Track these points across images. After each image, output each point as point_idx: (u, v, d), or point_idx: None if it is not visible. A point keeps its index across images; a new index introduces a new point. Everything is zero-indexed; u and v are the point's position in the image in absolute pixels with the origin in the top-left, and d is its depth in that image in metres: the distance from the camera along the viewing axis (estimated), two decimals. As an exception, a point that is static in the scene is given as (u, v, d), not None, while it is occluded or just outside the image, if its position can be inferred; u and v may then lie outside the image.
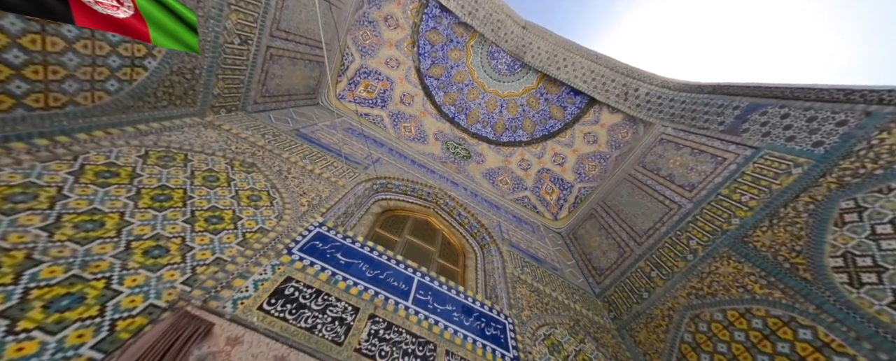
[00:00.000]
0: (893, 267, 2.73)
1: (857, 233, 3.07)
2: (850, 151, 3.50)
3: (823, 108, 3.99)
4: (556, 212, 8.58)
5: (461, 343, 3.06)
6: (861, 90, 3.64)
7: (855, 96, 3.69)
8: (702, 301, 4.00)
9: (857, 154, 3.43)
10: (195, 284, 2.30)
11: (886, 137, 3.29)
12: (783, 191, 3.87)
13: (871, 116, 3.50)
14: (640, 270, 5.23)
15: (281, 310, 2.45)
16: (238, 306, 2.31)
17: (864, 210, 3.11)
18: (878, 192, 3.10)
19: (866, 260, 2.91)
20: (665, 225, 5.28)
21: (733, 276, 3.84)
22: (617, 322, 5.04)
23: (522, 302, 4.26)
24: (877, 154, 3.27)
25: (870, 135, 3.42)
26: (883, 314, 2.64)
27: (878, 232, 2.93)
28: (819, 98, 4.06)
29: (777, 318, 3.22)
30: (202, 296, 2.23)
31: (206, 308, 2.16)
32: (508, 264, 5.06)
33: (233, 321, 2.17)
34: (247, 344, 2.09)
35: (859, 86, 3.69)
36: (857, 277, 2.90)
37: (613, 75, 7.66)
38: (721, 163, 4.97)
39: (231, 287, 2.42)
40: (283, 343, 2.22)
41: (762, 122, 4.67)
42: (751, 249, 3.84)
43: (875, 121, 3.43)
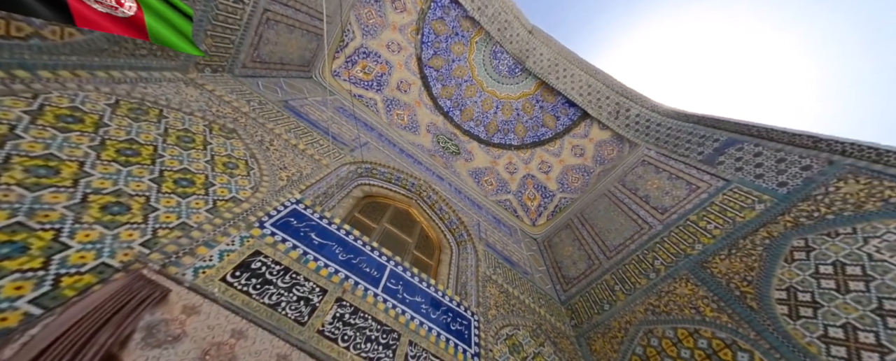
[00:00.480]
0: (828, 305, 2.99)
1: (802, 271, 3.32)
2: (809, 194, 3.77)
3: (793, 152, 4.26)
4: (534, 219, 8.77)
5: (425, 334, 3.08)
6: (827, 139, 3.92)
7: (821, 144, 3.96)
8: (657, 318, 4.23)
9: (814, 198, 3.70)
10: (155, 247, 2.18)
11: (842, 186, 3.56)
12: (745, 224, 4.12)
13: (832, 165, 3.77)
14: (606, 283, 5.45)
15: (245, 284, 2.37)
16: (199, 275, 2.22)
17: (812, 250, 3.37)
18: (826, 235, 3.36)
19: (806, 295, 3.16)
20: (635, 243, 5.52)
21: (689, 298, 4.07)
22: (577, 330, 5.25)
23: (490, 302, 4.34)
24: (831, 200, 3.54)
25: (828, 182, 3.69)
26: (812, 345, 2.89)
27: (821, 271, 3.19)
28: (791, 142, 4.34)
29: (721, 340, 3.45)
30: (161, 261, 2.12)
31: (163, 273, 2.05)
32: (482, 263, 5.13)
33: (192, 289, 2.08)
34: (204, 315, 2.01)
35: (826, 136, 3.96)
36: (796, 310, 3.14)
37: (608, 92, 7.85)
38: (694, 191, 5.23)
39: (194, 254, 2.31)
40: (243, 317, 2.15)
41: (737, 158, 4.93)
42: (708, 274, 4.08)
43: (835, 170, 3.71)
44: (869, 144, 3.55)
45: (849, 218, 3.30)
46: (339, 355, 2.39)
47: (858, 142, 3.65)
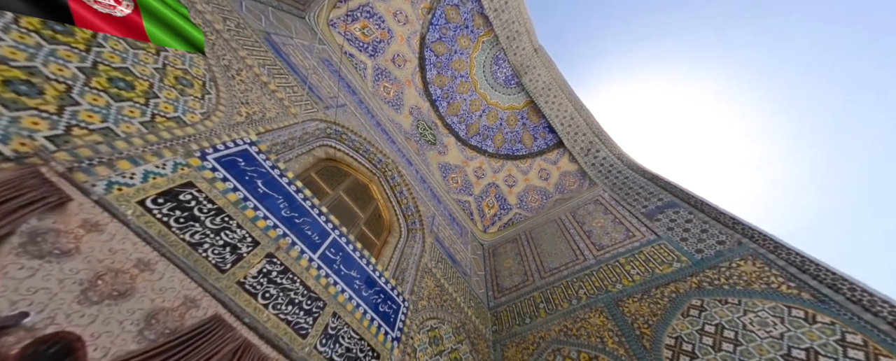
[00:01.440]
0: (702, 357, 3.51)
1: (692, 325, 3.85)
2: (716, 265, 4.38)
3: (715, 226, 4.92)
4: (487, 226, 9.05)
5: (351, 309, 3.02)
6: (743, 224, 4.58)
7: (738, 226, 4.62)
8: (567, 339, 4.63)
9: (719, 268, 4.31)
10: (65, 145, 1.84)
11: (742, 265, 4.19)
12: (661, 277, 4.67)
13: (740, 245, 4.42)
14: (533, 299, 5.82)
15: (166, 214, 2.11)
16: (113, 190, 1.92)
17: (704, 310, 3.93)
18: (718, 301, 3.94)
19: (689, 346, 3.68)
20: (568, 270, 5.97)
21: (598, 328, 4.51)
22: (495, 336, 5.54)
23: (424, 293, 4.40)
24: (730, 274, 4.16)
25: (733, 259, 4.32)
26: (680, 386, 3.37)
27: (705, 329, 3.73)
28: (716, 217, 5.00)
29: (613, 368, 3.89)
30: (69, 162, 1.80)
31: (68, 177, 1.74)
32: (426, 255, 5.17)
33: (100, 204, 1.80)
34: (107, 235, 1.75)
35: (743, 220, 4.64)
36: (678, 357, 3.65)
37: (586, 130, 8.35)
38: (629, 238, 5.79)
39: (113, 166, 1.99)
40: (155, 248, 1.91)
41: (671, 219, 5.56)
42: (619, 312, 4.56)
43: (741, 250, 4.36)
44: (771, 236, 4.23)
45: (738, 291, 3.90)
46: (254, 311, 2.24)
47: (763, 232, 4.33)
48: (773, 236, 4.20)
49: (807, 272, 3.67)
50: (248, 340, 2.08)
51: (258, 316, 2.24)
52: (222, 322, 2.02)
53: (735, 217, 4.73)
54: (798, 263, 3.79)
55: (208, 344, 1.83)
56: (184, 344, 1.74)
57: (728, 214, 4.83)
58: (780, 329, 3.37)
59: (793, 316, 3.39)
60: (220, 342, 1.90)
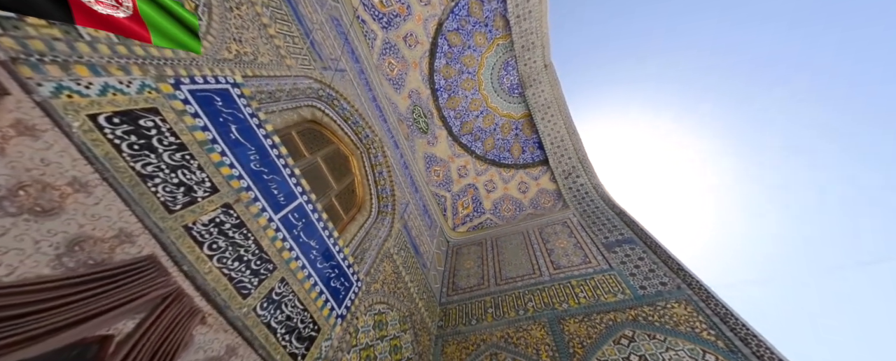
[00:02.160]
0: (623, 383, 3.75)
1: (619, 353, 4.10)
2: (653, 303, 4.68)
3: (662, 268, 5.25)
4: (457, 224, 9.11)
5: (302, 278, 2.92)
6: (686, 271, 4.93)
7: (681, 272, 4.96)
8: (506, 346, 4.78)
9: (656, 306, 4.61)
10: (12, 30, 1.59)
11: (675, 307, 4.50)
12: (604, 304, 4.93)
13: (679, 290, 4.75)
14: (484, 302, 5.95)
15: (119, 137, 1.90)
16: (61, 96, 1.70)
17: (634, 341, 4.19)
18: (648, 336, 4.21)
19: (614, 371, 3.91)
20: (523, 282, 6.15)
21: (537, 341, 4.69)
22: (440, 331, 5.61)
23: (380, 276, 4.35)
24: (664, 313, 4.46)
25: (669, 300, 4.64)
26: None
27: (631, 358, 3.98)
28: (664, 260, 5.33)
29: (541, 381, 4.06)
30: (14, 52, 1.56)
31: (8, 67, 1.51)
32: (391, 240, 5.11)
33: (41, 107, 1.58)
34: (42, 144, 1.54)
35: (687, 268, 4.99)
36: (602, 379, 3.87)
37: (572, 154, 8.60)
38: (585, 263, 6.06)
39: (68, 69, 1.76)
40: (96, 169, 1.72)
41: (626, 254, 5.87)
42: (559, 329, 4.77)
43: (678, 294, 4.68)
44: (705, 287, 4.58)
45: (667, 330, 4.20)
46: (197, 260, 2.09)
47: (701, 282, 4.68)
48: (708, 287, 4.55)
49: (726, 323, 4.01)
50: (182, 289, 1.94)
51: (199, 266, 2.09)
52: (157, 264, 1.86)
53: (681, 264, 5.08)
54: (721, 314, 4.14)
55: (135, 285, 1.68)
56: (107, 280, 1.58)
57: (675, 260, 5.17)
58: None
59: (705, 360, 3.70)
60: (150, 285, 1.76)
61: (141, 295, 1.69)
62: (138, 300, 1.67)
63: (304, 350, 2.68)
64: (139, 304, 1.68)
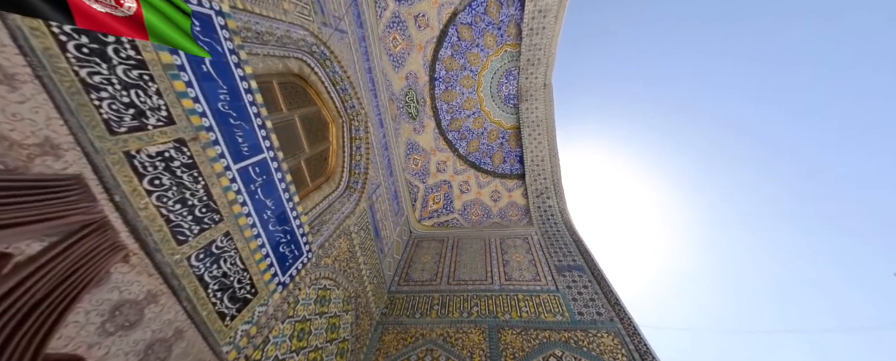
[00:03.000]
0: (542, 397, 3.94)
1: (548, 368, 4.30)
2: (586, 329, 4.97)
3: (602, 299, 5.58)
4: (424, 217, 9.07)
5: (249, 236, 2.73)
6: (622, 307, 5.28)
7: (617, 307, 5.31)
8: (443, 345, 4.83)
9: (588, 333, 4.89)
10: None
11: (604, 337, 4.81)
12: (543, 322, 5.15)
13: (611, 322, 5.07)
14: (432, 299, 5.97)
15: (67, 35, 1.64)
16: (6, -34, 1.42)
17: (556, 356, 4.41)
18: (573, 358, 4.46)
19: (537, 384, 4.10)
20: (473, 286, 6.25)
21: (474, 344, 4.79)
22: (382, 318, 5.55)
23: (333, 252, 4.20)
24: (592, 340, 4.75)
25: (600, 330, 4.94)
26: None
27: (556, 375, 4.20)
28: (606, 293, 5.67)
29: (468, 383, 4.16)
30: None
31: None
32: (353, 218, 4.95)
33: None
34: (-35, 14, 1.28)
35: (623, 304, 5.35)
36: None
37: (549, 175, 8.88)
38: (535, 280, 6.30)
39: (21, -63, 1.48)
40: (29, 63, 1.47)
41: (574, 279, 6.18)
42: (497, 337, 4.91)
43: (609, 326, 5.00)
44: (635, 324, 4.93)
45: (592, 356, 4.48)
46: (132, 192, 1.87)
47: (631, 318, 5.04)
48: (636, 325, 4.91)
49: (644, 360, 4.35)
50: (108, 220, 1.73)
51: (134, 200, 1.87)
52: (84, 187, 1.63)
53: (618, 299, 5.43)
54: (642, 351, 4.48)
55: (52, 204, 1.46)
56: (17, 191, 1.36)
57: (615, 294, 5.53)
58: (609, 397, 3.93)
59: (622, 391, 3.99)
60: (70, 208, 1.54)
61: (56, 217, 1.47)
62: (52, 221, 1.46)
63: (235, 312, 2.52)
64: (52, 226, 1.47)
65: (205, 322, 2.25)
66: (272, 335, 2.94)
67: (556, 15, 7.75)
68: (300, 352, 3.29)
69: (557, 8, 7.63)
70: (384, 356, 4.76)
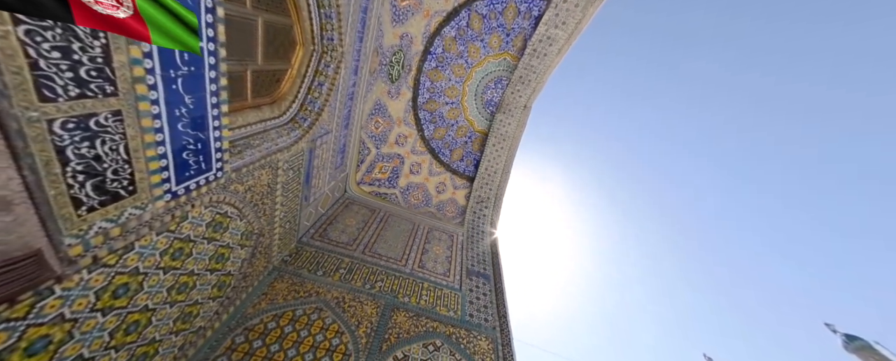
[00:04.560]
0: (408, 376, 4.16)
1: (420, 353, 4.56)
2: (471, 330, 5.38)
3: (493, 308, 6.08)
4: (364, 181, 8.77)
5: (147, 126, 2.30)
6: (506, 320, 5.83)
7: (503, 320, 5.84)
8: (334, 308, 4.77)
9: (469, 332, 5.30)
10: None
11: (482, 342, 5.26)
12: (436, 313, 5.42)
13: (493, 330, 5.57)
14: (341, 262, 5.83)
15: None
16: None
17: (437, 350, 4.72)
18: (450, 350, 4.80)
19: (408, 364, 4.32)
20: (385, 263, 6.28)
21: (364, 316, 4.83)
22: (282, 264, 5.24)
23: (249, 181, 3.80)
24: (470, 341, 5.16)
25: (481, 334, 5.39)
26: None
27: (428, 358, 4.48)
28: (498, 305, 6.20)
29: (329, 344, 4.18)
30: None
31: None
32: (287, 154, 4.55)
33: None
34: None
35: (509, 320, 5.90)
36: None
37: (495, 187, 9.30)
38: (445, 276, 6.59)
39: None
40: None
41: (477, 285, 6.62)
42: (389, 315, 5.03)
43: (490, 333, 5.49)
44: (511, 338, 5.50)
45: (466, 354, 4.87)
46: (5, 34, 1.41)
47: (510, 333, 5.60)
48: (512, 339, 5.47)
49: (508, 367, 4.89)
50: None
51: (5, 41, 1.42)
52: None
53: (507, 313, 5.98)
54: (507, 359, 5.02)
55: None
56: None
57: (506, 308, 6.08)
58: (465, 389, 4.32)
59: (477, 386, 4.42)
60: None
61: None
62: None
63: (97, 204, 2.11)
64: None
65: (49, 202, 1.85)
66: (140, 243, 2.55)
67: (561, 48, 8.06)
68: (169, 271, 2.92)
69: (564, 43, 7.93)
70: (269, 301, 4.52)
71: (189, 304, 3.28)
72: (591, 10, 7.44)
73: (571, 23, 7.67)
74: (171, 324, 3.11)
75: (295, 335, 4.17)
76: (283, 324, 4.26)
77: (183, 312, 3.22)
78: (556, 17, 7.66)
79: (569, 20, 7.65)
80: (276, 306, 4.49)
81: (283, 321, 4.31)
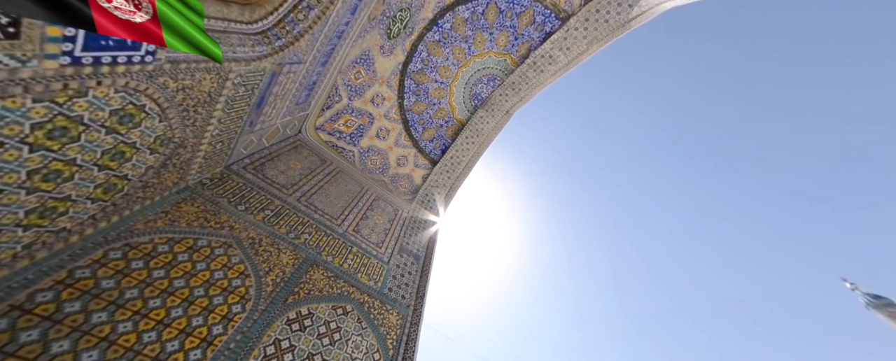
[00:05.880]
0: (304, 332, 4.02)
1: (326, 313, 4.45)
2: (385, 303, 5.40)
3: (413, 288, 6.18)
4: (325, 128, 8.10)
5: None
6: (422, 301, 5.98)
7: (419, 301, 5.98)
8: (246, 248, 4.37)
9: (383, 304, 5.31)
10: None
11: (392, 316, 5.32)
12: (356, 279, 5.32)
13: (407, 308, 5.67)
14: (271, 204, 5.34)
15: None
16: None
17: (345, 314, 4.64)
18: (357, 316, 4.77)
19: (308, 322, 4.17)
20: (320, 216, 5.93)
21: (279, 263, 4.51)
22: (199, 186, 4.60)
23: (186, 81, 3.19)
24: (381, 311, 5.19)
25: (393, 309, 5.45)
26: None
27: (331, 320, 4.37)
28: (419, 286, 6.32)
29: (217, 285, 3.86)
30: None
31: None
32: (244, 67, 3.94)
33: None
34: None
35: (424, 301, 6.06)
36: (293, 323, 4.03)
37: (452, 176, 9.36)
38: (377, 246, 6.48)
39: None
40: None
41: (405, 263, 6.66)
42: (304, 269, 4.79)
43: (402, 309, 5.58)
44: (420, 320, 5.66)
45: (373, 323, 4.88)
46: None
47: (421, 315, 5.77)
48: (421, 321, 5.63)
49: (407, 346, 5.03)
50: None
51: None
52: None
53: (425, 296, 6.14)
54: (409, 339, 5.16)
55: None
56: None
57: (425, 291, 6.23)
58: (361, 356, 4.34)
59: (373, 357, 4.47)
60: None
61: None
62: None
63: (-56, 29, 1.54)
64: None
65: None
66: (3, 104, 1.97)
67: (558, 71, 8.25)
68: (38, 150, 2.33)
69: (562, 67, 8.14)
70: (168, 222, 3.93)
71: (56, 197, 2.67)
72: (595, 47, 7.71)
73: (575, 51, 7.87)
74: (21, 215, 2.50)
75: (189, 265, 3.71)
76: (178, 251, 3.76)
77: (43, 204, 2.61)
78: (564, 40, 7.79)
79: (573, 48, 7.83)
80: (176, 229, 3.94)
81: (179, 247, 3.80)
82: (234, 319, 3.57)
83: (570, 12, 7.61)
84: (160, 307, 3.19)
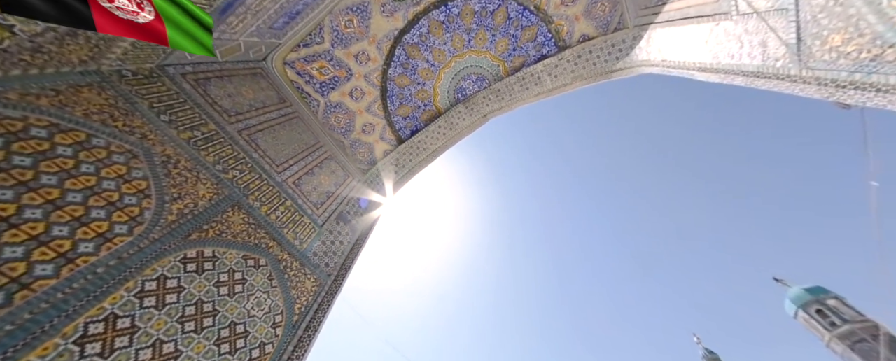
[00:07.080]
0: (208, 271, 3.55)
1: (232, 261, 3.99)
2: (304, 265, 5.05)
3: (339, 259, 5.90)
4: (295, 67, 7.28)
5: None
6: (344, 274, 5.75)
7: (342, 273, 5.73)
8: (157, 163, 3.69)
9: (302, 265, 4.96)
10: None
11: (308, 280, 5.00)
12: (281, 236, 4.89)
13: (328, 277, 5.39)
14: (202, 123, 4.58)
15: None
16: None
17: (257, 268, 4.23)
18: (267, 272, 4.37)
19: (219, 262, 3.69)
20: (259, 156, 5.32)
21: (193, 194, 3.92)
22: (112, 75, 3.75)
23: None
24: (297, 273, 4.85)
25: (311, 273, 5.13)
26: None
27: (238, 262, 3.93)
28: (346, 259, 6.08)
29: (136, 212, 3.25)
30: None
31: None
32: None
33: None
34: None
35: (347, 275, 5.84)
36: (202, 264, 3.54)
37: (414, 162, 9.22)
38: (316, 206, 6.05)
39: None
40: None
41: (339, 232, 6.35)
42: (222, 209, 4.25)
43: (320, 276, 5.28)
44: (335, 293, 5.43)
45: (283, 281, 4.52)
46: None
47: (337, 289, 5.53)
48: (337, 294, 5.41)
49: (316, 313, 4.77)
50: None
51: None
52: None
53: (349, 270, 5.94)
54: (320, 309, 4.91)
55: None
56: None
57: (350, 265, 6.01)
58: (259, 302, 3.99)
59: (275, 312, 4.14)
60: None
61: None
62: None
63: None
64: None
65: None
66: None
67: (539, 94, 8.60)
68: None
69: (545, 92, 8.51)
70: (56, 104, 3.12)
71: None
72: (578, 83, 8.18)
73: (560, 80, 8.26)
74: None
75: (72, 162, 3.00)
76: (61, 142, 3.01)
77: None
78: (555, 66, 8.12)
79: (560, 77, 8.21)
80: (65, 116, 3.15)
81: (63, 138, 3.05)
82: (114, 241, 2.98)
83: (567, 44, 7.94)
84: (11, 201, 2.51)
